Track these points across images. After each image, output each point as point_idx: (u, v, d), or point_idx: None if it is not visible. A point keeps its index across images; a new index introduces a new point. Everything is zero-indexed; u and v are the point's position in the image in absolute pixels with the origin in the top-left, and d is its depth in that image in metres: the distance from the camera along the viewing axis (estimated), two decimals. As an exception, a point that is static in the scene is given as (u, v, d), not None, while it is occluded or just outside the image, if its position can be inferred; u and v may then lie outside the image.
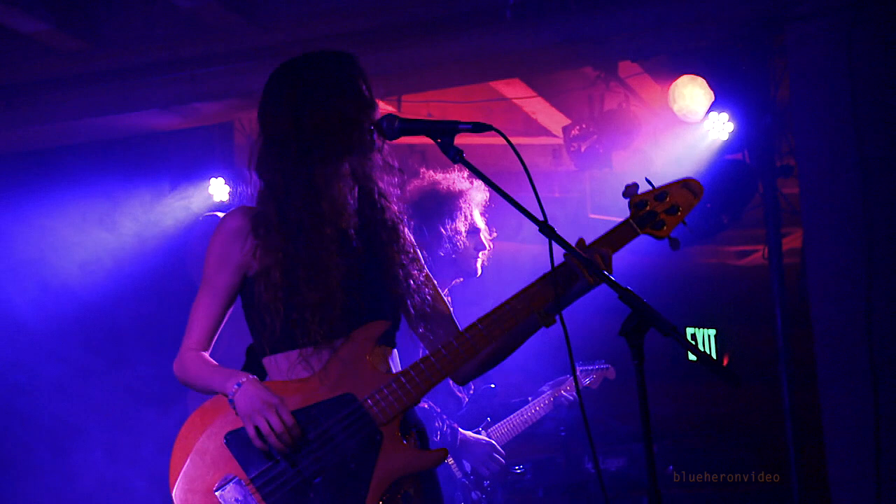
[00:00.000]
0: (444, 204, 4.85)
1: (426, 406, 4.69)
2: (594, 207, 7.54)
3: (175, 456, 2.93)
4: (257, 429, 2.87)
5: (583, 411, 3.03)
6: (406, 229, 3.20)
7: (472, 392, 5.03)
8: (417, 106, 6.91)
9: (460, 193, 4.89)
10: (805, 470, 5.36)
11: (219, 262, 3.06)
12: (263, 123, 3.08)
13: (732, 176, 5.76)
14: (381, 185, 3.15)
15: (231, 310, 3.14)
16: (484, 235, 4.94)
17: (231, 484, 2.89)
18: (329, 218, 3.00)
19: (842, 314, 5.06)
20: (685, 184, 3.11)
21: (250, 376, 2.94)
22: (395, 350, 3.15)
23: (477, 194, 4.92)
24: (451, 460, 4.79)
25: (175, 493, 2.90)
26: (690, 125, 5.88)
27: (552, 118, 7.26)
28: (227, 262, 3.05)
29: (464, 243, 4.85)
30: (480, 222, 4.94)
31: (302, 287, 2.96)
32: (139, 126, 6.41)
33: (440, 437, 4.72)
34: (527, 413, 5.23)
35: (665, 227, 3.08)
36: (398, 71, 6.01)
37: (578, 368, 5.57)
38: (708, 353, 2.63)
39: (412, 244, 3.20)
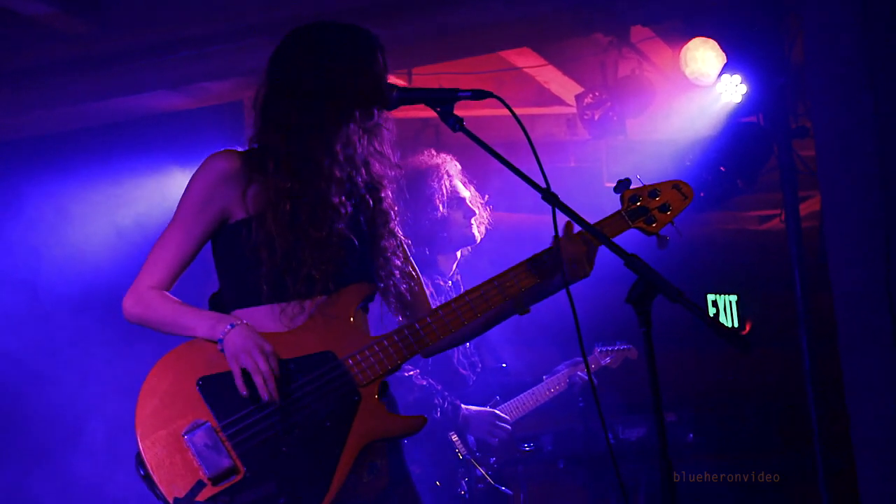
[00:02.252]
0: (417, 183, 4.83)
1: (425, 383, 4.67)
2: (610, 176, 7.46)
3: (143, 397, 2.83)
4: (243, 371, 2.80)
5: (594, 393, 3.05)
6: (397, 217, 3.18)
7: (479, 370, 5.00)
8: (428, 79, 6.85)
9: (430, 170, 4.88)
10: (827, 435, 5.30)
11: (201, 203, 2.96)
12: (274, 76, 3.03)
13: (746, 139, 5.69)
14: (378, 164, 3.12)
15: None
16: (471, 202, 4.92)
17: (201, 430, 2.80)
18: (338, 159, 2.96)
19: (861, 277, 4.98)
20: (676, 185, 3.21)
21: (242, 321, 2.88)
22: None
23: (449, 166, 4.91)
24: (454, 436, 4.77)
25: (140, 434, 2.80)
26: (703, 89, 5.81)
27: (565, 87, 7.18)
28: (210, 205, 2.96)
29: (445, 216, 4.85)
30: (463, 191, 4.94)
31: (306, 223, 2.90)
32: (148, 108, 6.38)
33: (441, 414, 4.69)
34: (539, 392, 5.20)
35: (655, 224, 3.15)
36: (406, 44, 5.96)
37: (598, 349, 5.55)
38: (718, 318, 2.58)
39: (400, 235, 3.19)
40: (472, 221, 4.91)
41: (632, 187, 3.14)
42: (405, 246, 3.22)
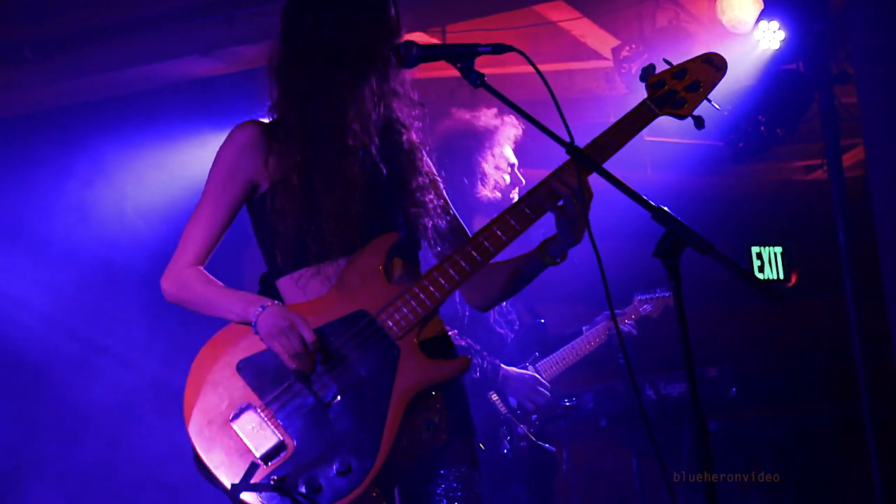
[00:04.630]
0: (480, 142, 4.81)
1: (464, 343, 4.65)
2: (649, 130, 7.35)
3: (188, 391, 2.86)
4: (283, 348, 2.80)
5: (623, 350, 3.05)
6: (425, 156, 3.11)
7: (516, 328, 4.98)
8: (462, 36, 6.78)
9: (495, 129, 4.84)
10: (873, 386, 5.21)
11: (227, 175, 2.96)
12: (286, 35, 3.00)
13: (786, 86, 5.57)
14: (401, 115, 3.05)
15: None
16: (517, 171, 4.91)
17: (246, 413, 2.82)
18: (352, 127, 2.92)
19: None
20: (706, 58, 2.95)
21: (273, 301, 2.88)
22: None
23: (511, 130, 4.86)
24: (494, 396, 4.75)
25: (191, 428, 2.84)
26: (741, 37, 5.69)
27: (602, 40, 7.08)
28: (236, 176, 2.96)
29: (503, 180, 4.84)
30: (513, 157, 4.91)
31: (320, 194, 2.88)
32: (182, 74, 6.36)
33: (480, 374, 4.67)
34: (579, 346, 5.15)
35: (686, 106, 2.92)
36: (439, 1, 5.90)
37: (637, 297, 5.47)
38: (751, 270, 2.51)
39: (431, 171, 3.12)
40: (514, 191, 4.88)
41: (657, 72, 2.93)
42: (437, 181, 3.13)
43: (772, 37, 5.56)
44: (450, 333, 4.58)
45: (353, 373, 2.83)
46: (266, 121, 3.01)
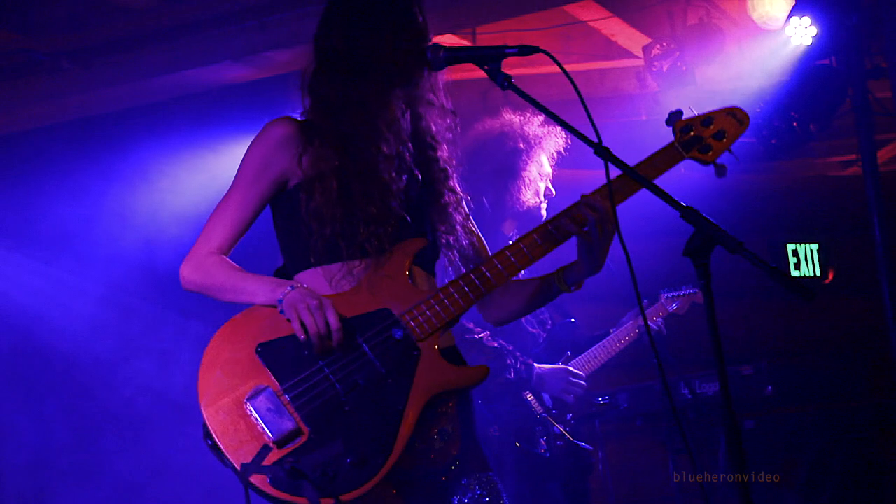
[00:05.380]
0: (529, 147, 4.83)
1: (496, 345, 4.66)
2: (688, 115, 7.34)
3: (204, 368, 2.84)
4: (303, 325, 2.80)
5: (654, 348, 2.98)
6: (454, 173, 3.14)
7: (549, 327, 4.98)
8: (493, 37, 6.79)
9: (543, 137, 4.85)
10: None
11: (259, 168, 2.97)
12: (318, 46, 3.05)
13: (819, 82, 5.53)
14: (434, 126, 3.09)
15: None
16: (549, 183, 4.92)
17: (263, 394, 2.80)
18: (385, 135, 2.95)
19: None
20: (731, 111, 3.09)
21: (301, 284, 2.89)
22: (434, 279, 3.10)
23: (555, 140, 4.87)
24: (530, 396, 4.75)
25: (203, 404, 2.81)
26: (772, 33, 5.66)
27: (632, 39, 7.05)
28: (268, 170, 2.96)
29: (541, 188, 4.85)
30: (549, 168, 4.92)
31: (358, 198, 2.91)
32: (214, 80, 6.42)
33: (514, 374, 4.68)
34: (610, 344, 5.14)
35: (711, 153, 3.05)
36: (469, 3, 5.91)
37: (664, 295, 5.46)
38: (779, 267, 2.50)
39: (458, 189, 3.15)
40: (545, 203, 4.88)
41: (684, 118, 3.05)
42: (465, 201, 3.19)
43: (803, 32, 5.53)
44: (482, 335, 4.63)
45: (373, 369, 2.85)
46: (298, 118, 3.04)
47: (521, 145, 4.88)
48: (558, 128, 4.89)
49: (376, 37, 2.96)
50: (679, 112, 3.04)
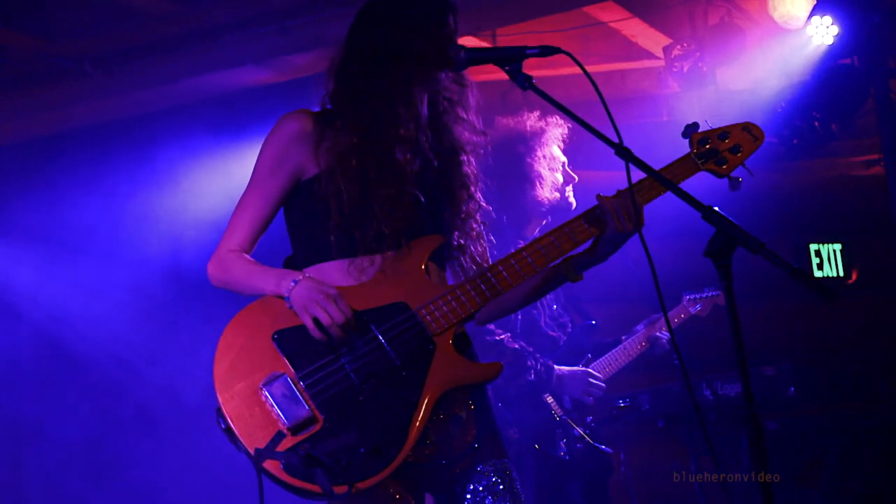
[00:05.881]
0: (530, 146, 4.83)
1: (517, 346, 4.66)
2: (704, 128, 7.31)
3: (219, 354, 2.87)
4: (316, 320, 2.83)
5: (677, 351, 3.00)
6: (478, 184, 3.18)
7: (569, 330, 4.97)
8: (513, 39, 6.80)
9: (534, 133, 4.86)
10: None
11: (274, 164, 3.00)
12: (351, 39, 3.09)
13: (840, 81, 5.51)
14: (462, 138, 3.14)
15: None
16: (567, 168, 4.91)
17: (279, 381, 2.83)
18: (402, 120, 2.99)
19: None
20: (746, 127, 3.16)
21: (306, 274, 2.91)
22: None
23: (556, 129, 4.88)
24: (550, 398, 4.75)
25: (218, 388, 2.84)
26: (793, 32, 5.64)
27: (653, 39, 7.05)
28: (283, 164, 3.00)
29: (557, 179, 4.86)
30: (562, 156, 4.92)
31: (374, 178, 2.94)
32: (236, 84, 6.47)
33: (535, 376, 4.68)
34: (630, 346, 5.13)
35: (726, 166, 3.12)
36: (489, 4, 5.92)
37: (686, 297, 5.44)
38: (801, 268, 2.49)
39: (480, 199, 3.19)
40: (569, 188, 4.89)
41: (700, 130, 3.11)
42: (483, 214, 3.22)
43: (825, 32, 5.51)
44: (502, 337, 4.63)
45: (388, 361, 2.87)
46: (313, 111, 3.07)
47: (521, 148, 4.88)
48: (556, 117, 4.92)
49: (406, 37, 3.01)
50: (695, 124, 3.10)
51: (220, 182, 6.54)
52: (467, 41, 6.46)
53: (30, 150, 6.88)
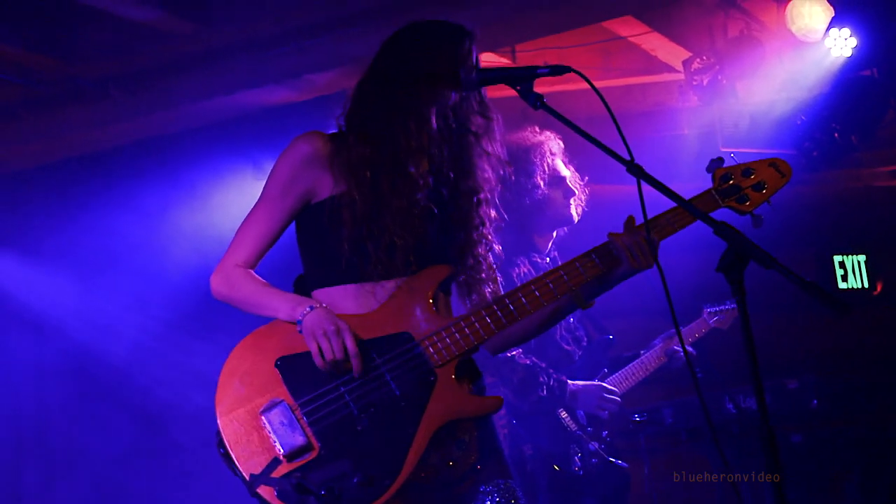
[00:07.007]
0: (518, 160, 4.79)
1: (528, 362, 4.65)
2: (725, 141, 7.30)
3: (223, 377, 2.90)
4: (321, 350, 2.84)
5: (691, 368, 3.07)
6: (493, 224, 3.18)
7: (584, 344, 4.96)
8: (533, 55, 6.81)
9: (533, 147, 4.85)
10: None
11: (285, 184, 3.02)
12: (374, 61, 3.12)
13: (860, 93, 5.50)
14: (485, 168, 3.14)
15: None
16: (571, 182, 4.89)
17: (278, 408, 2.86)
18: (414, 134, 3.00)
19: None
20: (773, 163, 3.12)
21: (322, 303, 2.93)
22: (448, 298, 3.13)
23: (552, 144, 4.87)
24: (564, 413, 4.73)
25: (219, 412, 2.87)
26: (812, 45, 5.63)
27: (672, 53, 7.05)
28: (294, 186, 3.02)
29: (545, 195, 4.82)
30: (564, 170, 4.90)
31: (386, 190, 2.96)
32: (257, 103, 6.50)
33: (547, 392, 4.66)
34: (647, 361, 5.10)
35: (748, 203, 3.08)
36: (508, 20, 5.94)
37: (706, 310, 5.41)
38: (814, 282, 2.50)
39: (491, 236, 3.19)
40: (571, 202, 4.88)
41: (725, 165, 3.08)
42: (494, 246, 3.22)
43: (843, 44, 5.50)
44: (515, 353, 4.62)
45: (388, 391, 2.89)
46: (326, 133, 3.10)
47: (522, 162, 4.84)
48: (552, 133, 4.90)
49: (421, 59, 3.04)
50: (720, 160, 3.07)
51: (244, 200, 6.57)
52: (486, 58, 6.48)
53: (53, 172, 6.96)
